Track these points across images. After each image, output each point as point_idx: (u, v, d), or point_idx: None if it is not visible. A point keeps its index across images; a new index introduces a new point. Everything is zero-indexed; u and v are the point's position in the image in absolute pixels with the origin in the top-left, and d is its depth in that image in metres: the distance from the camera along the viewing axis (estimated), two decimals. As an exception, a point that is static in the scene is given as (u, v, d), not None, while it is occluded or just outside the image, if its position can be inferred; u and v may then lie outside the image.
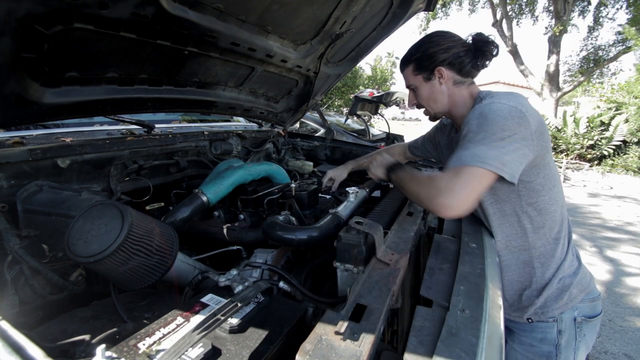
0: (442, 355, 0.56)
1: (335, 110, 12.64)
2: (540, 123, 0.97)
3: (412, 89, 1.20)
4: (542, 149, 0.98)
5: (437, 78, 1.13)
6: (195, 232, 1.38)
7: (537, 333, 1.11)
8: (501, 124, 0.91)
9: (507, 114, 0.92)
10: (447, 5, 13.94)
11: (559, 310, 1.08)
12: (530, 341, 1.12)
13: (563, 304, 1.07)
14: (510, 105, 0.94)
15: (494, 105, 0.96)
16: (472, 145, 0.91)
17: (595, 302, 1.11)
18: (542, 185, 1.03)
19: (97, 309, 0.90)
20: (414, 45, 1.18)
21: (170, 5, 1.02)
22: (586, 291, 1.10)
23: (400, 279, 0.80)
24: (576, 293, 1.08)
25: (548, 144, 1.01)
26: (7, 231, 0.92)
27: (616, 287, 3.35)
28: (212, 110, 1.73)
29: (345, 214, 1.23)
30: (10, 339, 0.47)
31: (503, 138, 0.90)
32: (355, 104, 4.23)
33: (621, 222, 5.40)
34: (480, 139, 0.91)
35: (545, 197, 1.05)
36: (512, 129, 0.91)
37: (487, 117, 0.93)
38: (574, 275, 1.08)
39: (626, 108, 9.98)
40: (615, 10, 12.72)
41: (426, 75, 1.14)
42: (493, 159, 0.87)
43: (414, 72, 1.16)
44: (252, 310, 0.72)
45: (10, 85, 0.93)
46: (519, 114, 0.92)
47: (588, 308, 1.10)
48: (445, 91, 1.14)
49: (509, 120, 0.92)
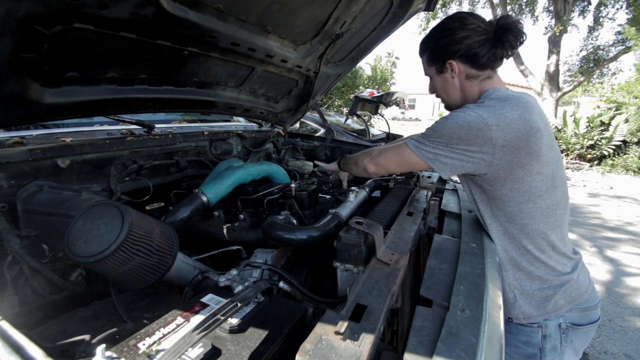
0: (442, 355, 0.56)
1: (335, 110, 12.64)
2: (515, 138, 0.94)
3: (430, 78, 1.17)
4: (511, 164, 0.96)
5: (449, 71, 1.08)
6: (195, 232, 1.38)
7: (522, 336, 1.11)
8: (452, 132, 0.97)
9: (466, 124, 0.95)
10: (447, 5, 13.94)
11: (542, 317, 1.06)
12: (515, 343, 1.12)
13: (546, 312, 1.05)
14: (479, 115, 0.94)
15: (464, 112, 0.98)
16: (421, 136, 1.06)
17: (587, 312, 1.09)
18: (509, 197, 1.03)
19: (97, 309, 0.90)
20: (431, 30, 1.11)
21: (170, 5, 1.02)
22: (576, 302, 1.06)
23: (400, 279, 0.80)
24: (562, 304, 1.05)
25: (524, 160, 0.97)
26: (7, 231, 0.92)
27: (616, 287, 3.35)
28: (212, 110, 1.73)
29: (345, 214, 1.23)
30: (10, 339, 0.47)
31: (449, 144, 0.99)
32: (355, 104, 4.24)
33: (621, 222, 5.40)
34: (429, 135, 1.03)
35: (512, 208, 1.04)
36: (462, 139, 0.96)
37: (446, 121, 0.99)
38: (559, 287, 1.05)
39: (626, 108, 9.97)
40: (615, 10, 12.72)
41: (439, 67, 1.10)
42: (427, 152, 1.03)
43: (428, 62, 1.13)
44: (252, 310, 0.73)
45: (10, 85, 0.93)
46: (481, 126, 0.93)
47: (577, 317, 1.08)
48: (458, 85, 1.10)
49: (463, 130, 0.95)
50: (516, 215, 1.04)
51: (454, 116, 0.99)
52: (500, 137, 0.93)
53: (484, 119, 0.94)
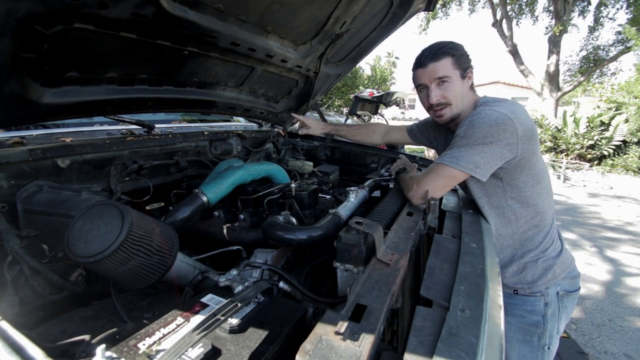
0: (442, 356, 0.56)
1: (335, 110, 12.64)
2: (528, 129, 1.10)
3: (443, 81, 1.19)
4: (528, 151, 1.12)
5: (468, 79, 1.21)
6: (195, 232, 1.38)
7: (527, 305, 1.27)
8: (484, 131, 1.07)
9: (494, 121, 1.07)
10: (447, 5, 13.92)
11: (544, 285, 1.24)
12: (521, 313, 1.28)
13: (547, 280, 1.23)
14: (500, 112, 1.08)
15: (484, 112, 1.10)
16: (454, 149, 1.13)
17: (574, 279, 1.29)
18: (525, 183, 1.19)
19: (97, 309, 0.90)
20: (447, 41, 1.20)
21: (170, 5, 1.02)
22: (567, 270, 1.26)
23: (400, 279, 0.80)
24: (559, 272, 1.24)
25: (535, 146, 1.15)
26: (7, 231, 0.92)
27: (616, 287, 3.35)
28: (212, 110, 1.73)
29: (345, 214, 1.23)
30: (10, 339, 0.47)
31: (484, 143, 1.08)
32: (355, 104, 4.24)
33: (621, 222, 5.40)
34: (463, 144, 1.11)
35: (527, 192, 1.20)
36: (494, 136, 1.07)
37: (474, 124, 1.09)
38: (557, 257, 1.25)
39: (626, 108, 9.97)
40: (615, 10, 12.72)
41: (462, 73, 1.19)
42: (467, 161, 1.10)
43: (454, 64, 1.17)
44: (252, 310, 0.72)
45: (10, 85, 0.93)
46: (506, 121, 1.07)
47: (568, 284, 1.27)
48: (466, 93, 1.23)
49: (493, 127, 1.07)
50: (529, 197, 1.20)
51: (478, 118, 1.10)
52: (520, 129, 1.07)
53: (505, 114, 1.07)
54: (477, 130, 1.08)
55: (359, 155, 2.43)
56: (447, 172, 1.13)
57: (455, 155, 1.12)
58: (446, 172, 1.14)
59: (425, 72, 1.20)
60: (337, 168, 2.20)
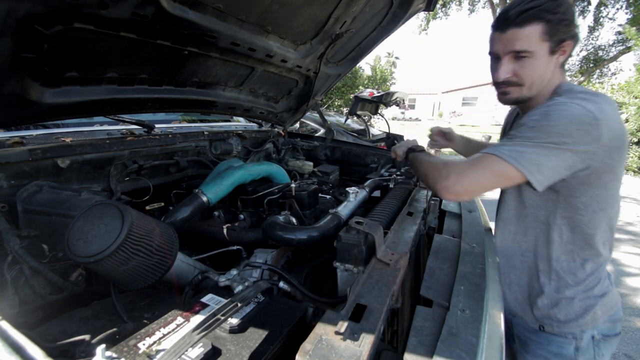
0: (442, 355, 0.56)
1: (335, 110, 12.64)
2: (616, 137, 0.83)
3: (521, 56, 0.90)
4: (605, 166, 0.85)
5: (561, 54, 0.91)
6: (195, 232, 1.38)
7: (553, 347, 1.04)
8: (561, 129, 0.81)
9: (576, 119, 0.81)
10: (447, 5, 13.94)
11: (579, 328, 1.01)
12: (545, 354, 1.06)
13: (584, 323, 1.00)
14: (586, 108, 0.81)
15: (567, 105, 0.83)
16: (517, 140, 0.85)
17: (615, 324, 1.05)
18: (585, 205, 0.92)
19: (97, 309, 0.90)
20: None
21: (170, 5, 1.02)
22: (610, 313, 1.03)
23: (400, 279, 0.80)
24: (600, 314, 1.00)
25: (616, 162, 0.87)
26: (7, 231, 0.92)
27: (616, 287, 3.35)
28: (212, 110, 1.73)
29: (345, 214, 1.23)
30: (10, 339, 0.47)
31: (557, 145, 0.81)
32: (355, 104, 4.24)
33: (621, 222, 5.40)
34: (530, 137, 0.83)
35: (584, 217, 0.94)
36: (573, 137, 0.80)
37: (550, 116, 0.82)
38: (601, 297, 1.00)
39: (626, 108, 9.97)
40: (615, 10, 12.70)
41: (553, 46, 0.88)
42: (530, 161, 0.81)
43: (543, 34, 0.86)
44: (252, 310, 0.72)
45: (10, 85, 0.93)
46: (592, 122, 0.80)
47: (608, 328, 1.03)
48: (551, 72, 0.92)
49: (574, 126, 0.81)
50: (585, 224, 0.94)
51: (557, 110, 0.83)
52: (606, 135, 0.81)
53: (592, 112, 0.80)
54: (553, 125, 0.81)
55: (359, 155, 2.43)
56: (501, 167, 0.83)
57: (518, 150, 0.83)
58: (501, 167, 0.83)
59: (501, 38, 0.91)
60: (337, 168, 2.20)
